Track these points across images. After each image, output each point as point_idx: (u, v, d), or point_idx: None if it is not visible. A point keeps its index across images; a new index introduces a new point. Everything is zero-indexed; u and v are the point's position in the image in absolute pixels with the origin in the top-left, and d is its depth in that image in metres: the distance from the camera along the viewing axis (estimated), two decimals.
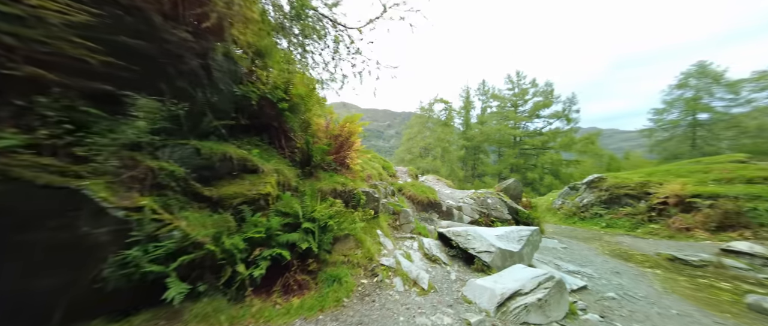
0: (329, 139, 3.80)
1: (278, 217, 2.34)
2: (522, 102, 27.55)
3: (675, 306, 2.62)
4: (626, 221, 7.52)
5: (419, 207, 5.35)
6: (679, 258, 4.31)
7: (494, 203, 6.31)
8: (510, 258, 3.26)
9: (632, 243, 5.83)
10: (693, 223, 6.01)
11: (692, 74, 19.85)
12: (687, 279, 3.51)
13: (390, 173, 6.07)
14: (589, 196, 9.25)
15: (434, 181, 8.70)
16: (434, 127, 33.21)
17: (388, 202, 4.37)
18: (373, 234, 3.37)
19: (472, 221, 5.86)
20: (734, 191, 6.15)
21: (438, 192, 7.01)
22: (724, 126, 18.69)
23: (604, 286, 3.12)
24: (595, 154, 23.38)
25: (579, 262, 4.12)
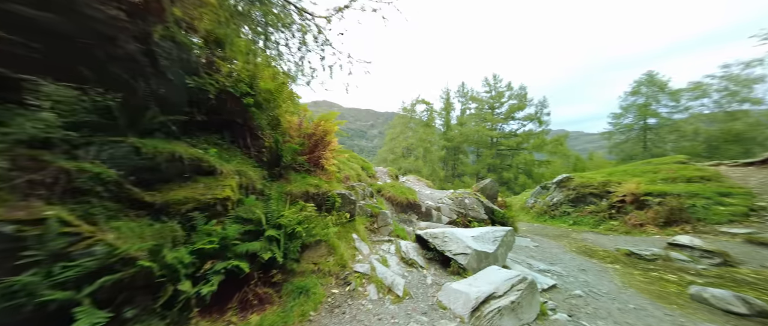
0: (302, 138, 3.57)
1: (237, 225, 2.10)
2: (498, 104, 28.89)
3: (632, 300, 2.79)
4: (590, 218, 8.10)
5: (398, 209, 5.28)
6: (635, 253, 4.69)
7: (471, 203, 6.44)
8: (485, 260, 3.29)
9: (595, 239, 6.27)
10: (645, 219, 6.63)
11: (643, 83, 22.25)
12: (641, 273, 3.81)
13: (369, 174, 5.93)
14: (558, 195, 9.86)
15: (415, 182, 8.73)
16: (416, 127, 33.70)
17: (366, 204, 4.23)
18: (348, 239, 3.21)
19: (450, 221, 5.93)
20: (677, 189, 6.89)
21: (418, 192, 7.01)
22: (667, 130, 21.18)
23: (572, 284, 3.26)
24: (564, 155, 25.24)
25: (549, 260, 4.30)
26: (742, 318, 2.55)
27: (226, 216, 2.19)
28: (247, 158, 2.99)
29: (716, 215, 5.99)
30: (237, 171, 2.55)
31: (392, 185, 5.45)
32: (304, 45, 3.31)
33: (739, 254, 4.61)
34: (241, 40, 3.03)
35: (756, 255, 4.61)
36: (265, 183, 2.91)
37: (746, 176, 7.11)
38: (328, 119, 3.70)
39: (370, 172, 5.96)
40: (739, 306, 2.59)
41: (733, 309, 2.59)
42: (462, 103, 33.46)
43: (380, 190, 5.19)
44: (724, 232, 5.52)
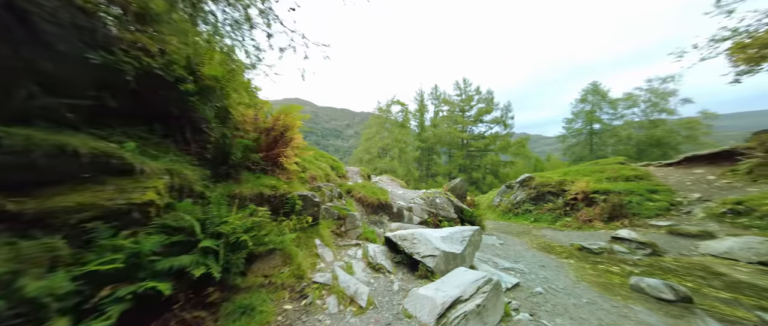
0: (259, 134, 3.17)
1: (159, 236, 1.69)
2: (468, 107, 30.38)
3: (585, 294, 2.96)
4: (549, 215, 8.78)
5: (369, 210, 5.08)
6: (585, 247, 5.11)
7: (442, 203, 6.51)
8: (453, 261, 3.24)
9: (553, 235, 6.77)
10: (593, 215, 7.37)
11: (589, 91, 25.26)
12: (591, 266, 4.12)
13: (340, 174, 5.64)
14: (521, 194, 10.55)
15: (388, 182, 8.62)
16: (392, 127, 33.92)
17: (333, 206, 3.95)
18: (309, 246, 2.91)
19: (421, 221, 5.90)
20: (618, 187, 7.80)
21: (390, 193, 6.89)
22: (608, 134, 24.33)
23: (533, 281, 3.37)
24: (526, 156, 27.47)
25: (513, 258, 4.45)
26: (669, 304, 2.84)
27: (147, 225, 1.77)
28: (185, 155, 2.53)
29: (647, 210, 6.88)
30: (167, 171, 2.10)
31: (363, 185, 5.23)
32: (248, 21, 2.89)
33: (664, 244, 5.31)
34: (183, 16, 2.55)
35: (675, 244, 5.34)
36: (208, 184, 2.48)
37: (667, 175, 8.33)
38: (290, 113, 3.35)
39: (340, 172, 5.66)
40: (667, 293, 2.90)
41: (663, 297, 2.89)
42: (435, 105, 34.57)
43: (350, 191, 4.93)
44: (652, 225, 6.35)
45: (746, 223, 5.41)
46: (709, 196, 6.61)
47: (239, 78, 3.13)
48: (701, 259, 4.76)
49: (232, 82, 2.92)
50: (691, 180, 7.62)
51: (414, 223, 5.79)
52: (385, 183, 8.10)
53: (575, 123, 26.45)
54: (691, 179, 7.67)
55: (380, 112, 34.41)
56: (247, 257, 2.15)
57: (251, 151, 2.97)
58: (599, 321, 2.40)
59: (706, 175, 7.54)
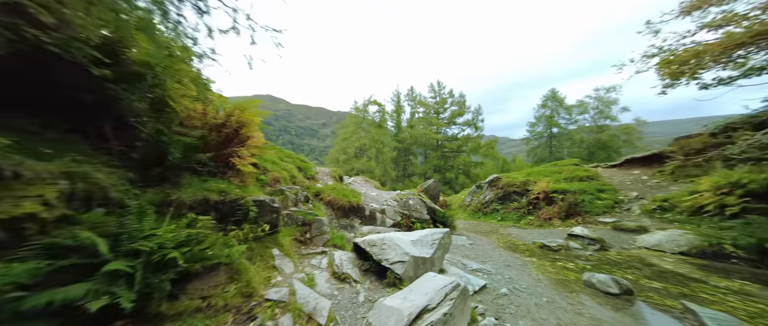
0: (208, 131, 2.75)
1: (36, 261, 1.28)
2: (442, 109, 31.41)
3: (545, 293, 3.07)
4: (514, 214, 9.30)
5: (340, 213, 4.82)
6: (546, 245, 5.43)
7: (415, 204, 6.49)
8: (422, 266, 3.15)
9: (518, 234, 7.15)
10: (553, 214, 7.96)
11: (549, 98, 27.78)
12: (550, 264, 4.36)
13: (308, 175, 5.28)
14: (489, 194, 11.06)
15: (362, 183, 8.39)
16: (369, 127, 33.70)
17: (297, 211, 3.62)
18: (265, 257, 2.58)
19: (394, 223, 5.79)
20: (573, 187, 8.54)
21: (364, 194, 6.68)
22: (564, 138, 26.97)
23: (499, 282, 3.42)
24: (495, 157, 29.24)
25: (481, 259, 4.54)
26: (615, 298, 3.08)
27: (20, 247, 1.34)
28: (101, 154, 2.05)
29: (596, 208, 7.62)
30: (65, 174, 1.65)
31: (333, 187, 4.95)
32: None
33: (609, 239, 5.89)
34: None
35: (618, 239, 5.96)
36: (132, 189, 2.04)
37: (612, 176, 9.37)
38: (245, 108, 2.97)
39: (309, 173, 5.30)
40: (613, 287, 3.14)
41: (610, 291, 3.12)
42: (411, 107, 35.15)
43: (319, 194, 4.62)
44: (601, 222, 7.03)
45: (670, 218, 6.24)
46: (644, 194, 7.54)
47: (182, 66, 2.67)
48: (638, 252, 5.36)
49: (171, 70, 2.48)
50: (630, 180, 8.65)
51: (387, 226, 5.66)
52: (359, 185, 7.86)
53: (537, 126, 28.89)
54: (630, 179, 8.71)
55: (357, 112, 33.99)
56: (181, 276, 1.79)
57: (195, 150, 2.55)
58: (558, 320, 2.47)
59: (641, 176, 8.62)
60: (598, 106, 25.28)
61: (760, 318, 2.75)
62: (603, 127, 24.66)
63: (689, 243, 5.19)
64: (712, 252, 4.94)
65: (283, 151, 5.36)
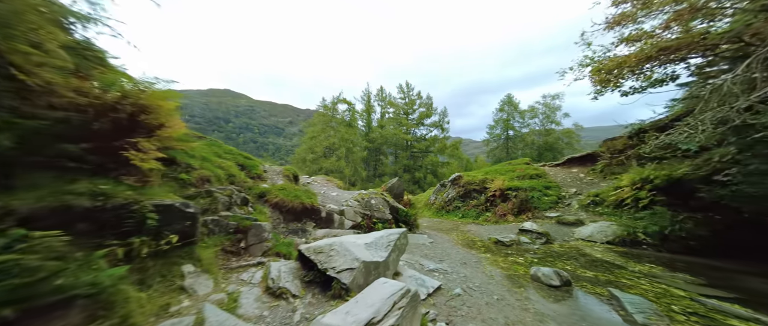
0: (84, 113, 2.07)
1: None
2: (411, 111, 32.10)
3: (496, 290, 3.08)
4: (473, 211, 9.73)
5: (290, 217, 4.32)
6: (500, 241, 5.68)
7: (377, 204, 6.26)
8: (374, 271, 2.90)
9: (476, 230, 7.42)
10: (507, 210, 8.49)
11: (506, 102, 30.39)
12: (503, 259, 4.52)
13: (253, 174, 4.64)
14: (452, 192, 11.45)
15: (323, 183, 7.88)
16: (338, 126, 32.75)
17: (230, 216, 3.06)
18: (169, 277, 2.04)
19: (354, 225, 5.47)
20: (524, 184, 9.26)
21: (323, 195, 6.22)
22: (519, 140, 29.76)
23: (454, 281, 3.36)
24: (459, 158, 30.88)
25: (439, 257, 4.50)
26: (557, 290, 3.24)
27: None
28: None
29: (544, 203, 8.35)
30: None
31: (282, 188, 4.42)
32: None
33: (554, 232, 6.43)
34: None
35: (560, 232, 6.55)
36: None
37: (556, 174, 10.45)
38: (149, 90, 2.34)
39: (254, 171, 4.66)
40: (555, 279, 3.31)
41: (552, 283, 3.28)
42: (381, 107, 35.21)
43: (264, 195, 4.06)
44: (547, 217, 7.70)
45: (600, 211, 7.10)
46: (581, 190, 8.52)
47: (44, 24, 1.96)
48: (576, 243, 5.95)
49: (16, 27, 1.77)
50: (570, 178, 9.73)
51: (346, 228, 5.31)
52: (318, 185, 7.34)
53: (495, 129, 31.39)
54: (570, 177, 9.80)
55: (325, 110, 32.77)
56: None
57: (51, 138, 1.87)
58: (506, 319, 2.44)
59: (579, 174, 9.76)
60: (546, 112, 28.51)
61: (663, 298, 3.17)
62: (550, 131, 27.90)
63: (613, 233, 5.94)
64: (629, 240, 5.71)
65: (222, 147, 4.62)
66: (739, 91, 3.51)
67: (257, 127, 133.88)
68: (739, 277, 3.99)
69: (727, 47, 4.80)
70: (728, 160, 4.72)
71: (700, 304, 3.05)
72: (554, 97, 27.80)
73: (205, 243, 2.48)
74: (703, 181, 5.21)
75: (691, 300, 3.16)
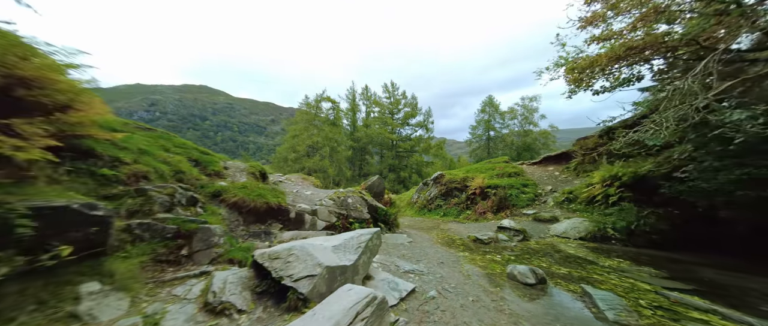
0: None
1: None
2: (396, 110, 32.07)
3: (472, 291, 2.92)
4: (454, 209, 9.72)
5: (252, 218, 3.90)
6: (478, 238, 5.61)
7: (354, 202, 5.96)
8: (341, 276, 2.61)
9: (456, 228, 7.35)
10: (486, 208, 8.54)
11: (487, 104, 31.28)
12: (481, 257, 4.41)
13: (211, 170, 4.15)
14: (434, 190, 11.41)
15: (298, 181, 7.44)
16: (322, 125, 31.95)
17: (168, 219, 2.62)
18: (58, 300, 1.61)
19: (328, 226, 5.14)
20: (503, 182, 9.39)
21: (295, 194, 5.81)
22: (499, 140, 30.73)
23: (429, 283, 3.18)
24: (443, 157, 31.32)
25: (417, 257, 4.30)
26: (532, 288, 3.15)
27: None
28: None
29: (521, 201, 8.48)
30: None
31: (243, 186, 3.99)
32: None
33: (530, 229, 6.50)
34: None
35: (537, 229, 6.64)
36: None
37: (533, 172, 10.74)
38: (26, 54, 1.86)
39: (212, 168, 4.17)
40: (531, 277, 3.22)
41: (528, 281, 3.19)
42: (366, 106, 34.86)
43: (219, 194, 3.61)
44: (524, 214, 7.81)
45: (573, 208, 7.31)
46: (556, 188, 8.77)
47: None
48: (551, 240, 6.03)
49: None
50: (546, 176, 10.02)
51: (318, 229, 4.96)
52: (292, 184, 6.90)
53: (477, 129, 32.22)
54: (547, 175, 10.10)
55: (308, 108, 31.83)
56: None
57: None
58: (480, 323, 2.27)
59: (554, 172, 10.09)
60: (524, 113, 29.70)
61: (631, 292, 3.19)
62: (528, 132, 29.09)
63: (585, 229, 6.10)
64: (600, 235, 5.90)
65: (172, 140, 4.08)
66: (698, 89, 3.63)
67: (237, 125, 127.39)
68: (695, 269, 4.18)
69: (684, 50, 5.06)
70: (686, 157, 4.98)
71: (664, 298, 3.09)
72: (532, 99, 29.05)
73: (126, 252, 2.05)
74: (664, 178, 5.47)
75: (656, 293, 3.21)
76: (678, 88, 3.68)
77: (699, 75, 3.54)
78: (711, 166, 4.48)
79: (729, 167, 4.25)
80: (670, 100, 3.82)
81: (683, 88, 3.73)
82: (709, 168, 4.52)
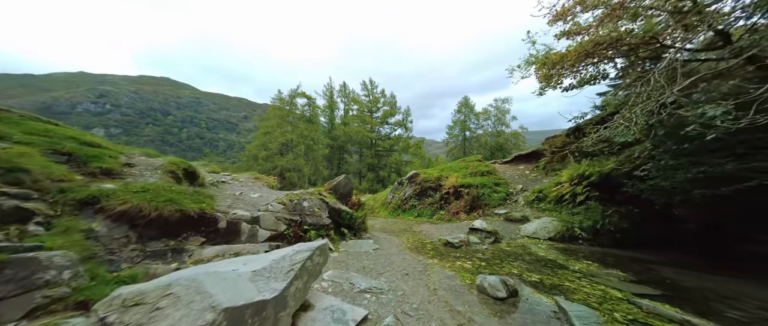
0: None
1: None
2: (376, 109, 31.44)
3: (436, 312, 2.52)
4: (428, 210, 9.32)
5: (153, 232, 2.96)
6: (449, 242, 5.15)
7: (311, 206, 5.17)
8: (255, 318, 1.84)
9: (428, 230, 6.89)
10: (459, 208, 8.23)
11: (463, 104, 31.96)
12: (451, 265, 3.96)
13: (96, 167, 3.10)
14: (409, 190, 10.95)
15: (248, 182, 6.44)
16: (297, 122, 30.26)
17: None
18: None
19: (274, 235, 4.30)
20: (476, 181, 9.19)
21: (236, 197, 4.88)
22: (474, 141, 31.54)
23: (388, 304, 2.65)
24: (422, 157, 31.35)
25: (379, 269, 3.70)
26: (502, 302, 2.70)
27: None
28: None
29: (493, 200, 8.30)
30: None
31: (142, 189, 3.02)
32: None
33: (502, 230, 6.23)
34: None
35: (508, 229, 6.39)
36: None
37: (505, 170, 10.75)
38: None
39: (97, 164, 3.12)
40: (502, 290, 2.78)
41: (499, 295, 2.74)
42: (345, 103, 33.75)
43: (96, 201, 2.62)
44: (496, 214, 7.60)
45: (543, 207, 7.24)
46: (527, 187, 8.74)
47: None
48: (522, 241, 5.80)
49: None
50: (517, 174, 10.04)
51: (260, 241, 4.11)
52: (239, 185, 5.91)
53: (454, 129, 32.82)
54: (517, 173, 10.13)
55: (282, 103, 29.95)
56: None
57: None
58: None
59: (525, 171, 10.15)
60: (497, 114, 30.82)
61: (604, 303, 2.90)
62: (500, 132, 30.21)
63: (554, 229, 5.98)
64: (567, 235, 5.80)
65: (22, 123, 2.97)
66: (665, 83, 3.46)
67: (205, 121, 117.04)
68: (656, 268, 4.11)
69: (645, 49, 5.06)
70: (646, 156, 5.00)
71: (637, 307, 2.83)
72: (504, 100, 30.23)
73: None
74: (626, 176, 5.50)
75: (628, 301, 2.95)
76: (645, 81, 3.47)
77: (664, 70, 3.36)
78: (668, 165, 4.48)
79: (685, 166, 4.26)
80: (638, 95, 3.63)
81: (650, 82, 3.54)
82: (666, 166, 4.52)
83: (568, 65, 5.21)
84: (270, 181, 6.87)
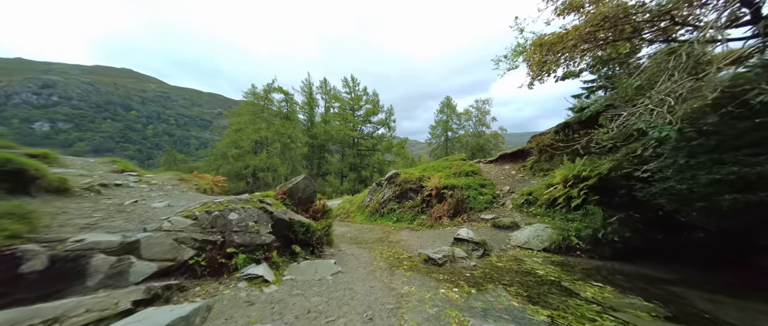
0: None
1: None
2: (358, 107, 30.03)
3: None
4: (409, 214, 8.21)
5: None
6: (431, 258, 4.04)
7: (242, 219, 3.76)
8: None
9: (408, 239, 5.77)
10: (442, 212, 7.20)
11: (445, 104, 31.58)
12: (432, 295, 3.01)
13: None
14: (388, 192, 9.78)
15: (167, 184, 4.88)
16: (273, 119, 28.02)
17: None
18: None
19: (168, 268, 2.89)
20: (460, 182, 8.24)
21: (118, 207, 3.38)
22: (456, 141, 31.27)
23: None
24: (405, 157, 30.45)
25: (329, 313, 2.59)
26: None
27: None
28: None
29: (479, 203, 7.36)
30: None
31: None
32: None
33: (490, 239, 5.24)
34: None
35: (497, 238, 5.41)
36: None
37: (489, 170, 9.96)
38: None
39: None
40: None
41: None
42: (325, 101, 31.95)
43: None
44: (482, 219, 6.64)
45: (534, 211, 6.38)
46: (514, 188, 7.92)
47: None
48: (514, 252, 4.84)
49: None
50: (503, 175, 9.24)
51: (131, 282, 2.67)
52: (147, 188, 4.36)
53: (437, 129, 32.36)
54: (503, 173, 9.34)
55: (255, 99, 27.56)
56: None
57: None
58: None
59: (511, 170, 9.39)
60: (478, 115, 30.80)
61: None
62: (481, 133, 30.19)
63: (549, 238, 5.10)
64: (564, 246, 4.95)
65: None
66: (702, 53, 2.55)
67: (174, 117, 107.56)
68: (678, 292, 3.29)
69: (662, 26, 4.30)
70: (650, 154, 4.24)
71: None
72: (485, 101, 30.27)
73: None
74: (625, 178, 4.77)
75: None
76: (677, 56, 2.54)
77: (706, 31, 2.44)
78: (687, 165, 3.72)
79: (707, 165, 3.51)
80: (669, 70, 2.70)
81: (681, 56, 2.61)
82: (684, 166, 3.75)
83: (570, 46, 4.30)
84: (203, 183, 5.33)
